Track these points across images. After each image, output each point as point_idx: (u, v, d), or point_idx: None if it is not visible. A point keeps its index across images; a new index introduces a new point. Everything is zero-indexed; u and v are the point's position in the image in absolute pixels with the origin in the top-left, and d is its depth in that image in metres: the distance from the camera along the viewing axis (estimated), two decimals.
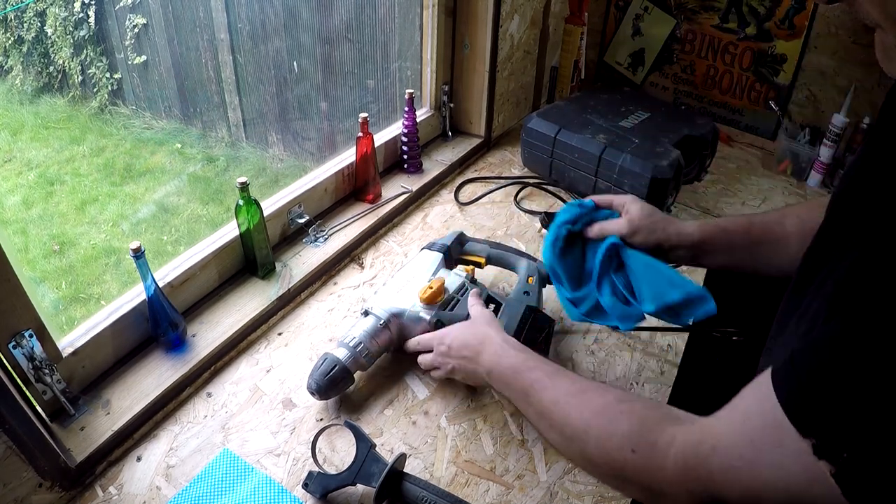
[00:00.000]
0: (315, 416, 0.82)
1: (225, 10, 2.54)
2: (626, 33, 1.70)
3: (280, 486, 0.73)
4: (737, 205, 1.34)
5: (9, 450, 0.64)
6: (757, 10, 1.47)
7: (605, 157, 1.22)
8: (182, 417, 0.82)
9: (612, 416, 0.55)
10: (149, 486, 0.73)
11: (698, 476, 0.46)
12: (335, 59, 2.41)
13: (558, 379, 0.63)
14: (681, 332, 0.99)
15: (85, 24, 2.77)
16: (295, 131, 2.74)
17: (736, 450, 0.44)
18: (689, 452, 0.47)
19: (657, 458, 0.50)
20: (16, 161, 2.69)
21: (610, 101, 1.42)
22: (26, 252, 2.27)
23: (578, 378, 0.63)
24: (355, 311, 0.99)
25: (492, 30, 1.32)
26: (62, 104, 2.94)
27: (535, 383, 0.64)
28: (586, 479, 0.76)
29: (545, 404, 0.62)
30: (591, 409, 0.57)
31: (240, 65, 2.65)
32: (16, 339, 0.68)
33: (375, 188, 1.21)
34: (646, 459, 0.50)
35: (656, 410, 0.54)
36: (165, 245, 2.38)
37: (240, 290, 0.99)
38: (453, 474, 0.76)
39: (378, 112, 2.38)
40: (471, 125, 1.48)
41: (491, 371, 0.72)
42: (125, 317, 0.84)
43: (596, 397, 0.58)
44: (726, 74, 1.58)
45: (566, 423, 0.58)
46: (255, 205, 0.94)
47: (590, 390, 0.59)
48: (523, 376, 0.66)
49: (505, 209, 1.28)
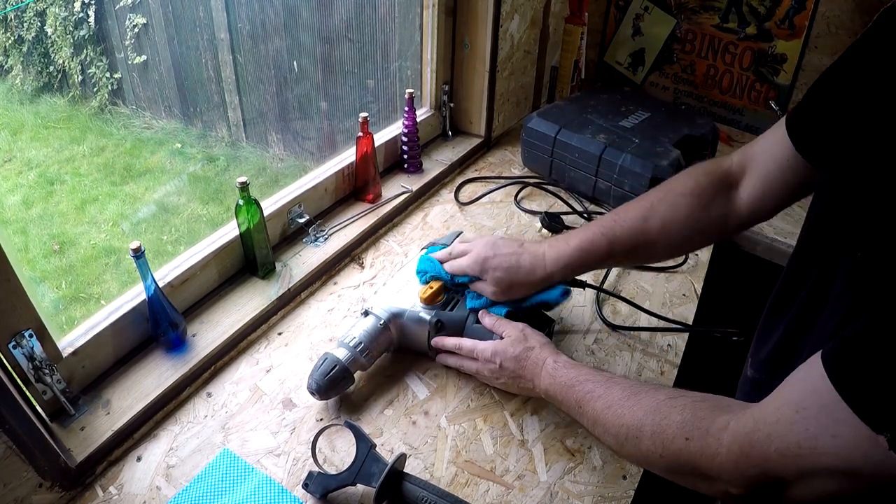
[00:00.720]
0: (315, 416, 0.82)
1: (225, 10, 2.54)
2: (626, 33, 1.70)
3: (280, 486, 0.73)
4: None
5: (9, 450, 0.64)
6: (757, 10, 1.47)
7: (605, 156, 1.22)
8: (182, 417, 0.82)
9: (664, 411, 0.58)
10: (149, 486, 0.73)
11: (754, 462, 0.48)
12: (335, 58, 2.41)
13: (611, 387, 0.66)
14: (681, 332, 0.99)
15: (85, 24, 2.77)
16: (295, 131, 2.74)
17: (792, 437, 0.45)
18: (743, 440, 0.49)
19: (711, 444, 0.52)
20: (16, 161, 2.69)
21: (610, 101, 1.42)
22: (26, 252, 2.27)
23: (630, 383, 0.66)
24: (355, 311, 0.99)
25: (492, 30, 1.32)
26: (62, 104, 2.94)
27: (588, 394, 0.67)
28: (586, 479, 0.76)
29: (599, 411, 0.65)
30: (643, 409, 0.60)
31: (240, 64, 2.65)
32: (16, 339, 0.68)
33: (375, 188, 1.21)
34: (700, 447, 0.53)
35: (706, 401, 0.56)
36: (165, 245, 2.38)
37: (240, 289, 0.99)
38: (453, 474, 0.76)
39: (378, 112, 2.38)
40: (471, 125, 1.48)
41: (548, 391, 0.75)
42: (125, 317, 0.84)
43: (647, 398, 0.61)
44: (726, 74, 1.58)
45: (621, 424, 0.61)
46: (255, 204, 0.94)
47: (641, 392, 0.62)
48: (576, 389, 0.69)
49: (505, 209, 1.28)
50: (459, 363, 0.85)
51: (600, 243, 0.79)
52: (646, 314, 1.00)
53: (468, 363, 0.84)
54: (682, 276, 1.11)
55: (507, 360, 0.79)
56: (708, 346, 1.09)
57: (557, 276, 0.81)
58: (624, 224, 0.79)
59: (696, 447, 0.53)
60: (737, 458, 0.50)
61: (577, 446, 0.80)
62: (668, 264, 1.13)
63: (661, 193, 0.80)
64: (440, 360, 0.88)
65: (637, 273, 1.12)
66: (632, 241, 0.79)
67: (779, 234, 1.26)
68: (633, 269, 1.12)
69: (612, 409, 0.63)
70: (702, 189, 0.77)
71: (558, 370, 0.73)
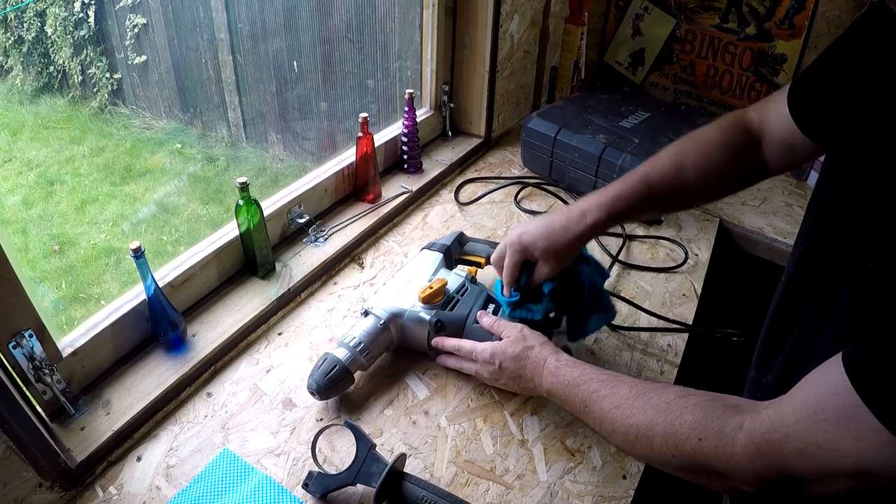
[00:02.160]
0: (315, 416, 0.82)
1: (225, 10, 2.54)
2: (626, 33, 1.70)
3: (280, 486, 0.73)
4: (736, 204, 1.34)
5: (9, 450, 0.64)
6: (757, 10, 1.47)
7: (605, 157, 1.22)
8: (182, 417, 0.82)
9: (675, 410, 0.57)
10: (149, 486, 0.73)
11: (770, 462, 0.49)
12: (335, 59, 2.41)
13: (617, 386, 0.66)
14: (681, 332, 0.99)
15: (85, 24, 2.77)
16: (295, 131, 2.74)
17: (811, 438, 0.46)
18: (760, 440, 0.50)
19: (725, 444, 0.52)
20: (16, 161, 2.69)
21: (610, 101, 1.42)
22: (26, 252, 2.27)
23: (637, 382, 0.65)
24: (355, 311, 0.99)
25: (492, 30, 1.32)
26: (62, 104, 2.94)
27: (594, 393, 0.67)
28: (586, 478, 0.76)
29: (606, 410, 0.65)
30: (653, 408, 0.60)
31: (240, 65, 2.65)
32: (16, 339, 0.68)
33: (375, 188, 1.21)
34: (714, 447, 0.53)
35: (717, 400, 0.56)
36: (165, 245, 2.38)
37: (240, 290, 0.99)
38: (453, 474, 0.76)
39: (378, 112, 2.38)
40: (471, 125, 1.48)
41: (550, 390, 0.74)
42: (125, 317, 0.84)
43: (656, 397, 0.61)
44: (726, 74, 1.58)
45: (630, 424, 0.61)
46: (255, 205, 0.94)
47: (649, 391, 0.62)
48: (581, 389, 0.69)
49: (505, 209, 1.28)
50: (459, 364, 0.85)
51: (639, 189, 0.78)
52: (646, 314, 1.00)
53: (468, 364, 0.84)
54: (682, 276, 1.12)
55: (507, 361, 0.79)
56: (708, 346, 1.09)
57: (599, 223, 0.78)
58: (661, 171, 0.78)
59: (710, 447, 0.53)
60: (753, 458, 0.50)
61: (577, 446, 0.80)
62: (668, 264, 1.13)
63: (692, 143, 0.79)
64: (440, 361, 0.88)
65: (637, 273, 1.12)
66: (670, 186, 0.78)
67: (779, 234, 1.26)
68: (634, 270, 1.12)
69: (621, 409, 0.63)
70: (732, 142, 0.76)
71: (561, 369, 0.73)
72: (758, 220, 1.30)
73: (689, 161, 0.77)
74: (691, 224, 1.26)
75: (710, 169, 0.77)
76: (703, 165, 0.77)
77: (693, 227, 1.25)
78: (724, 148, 0.77)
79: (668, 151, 0.80)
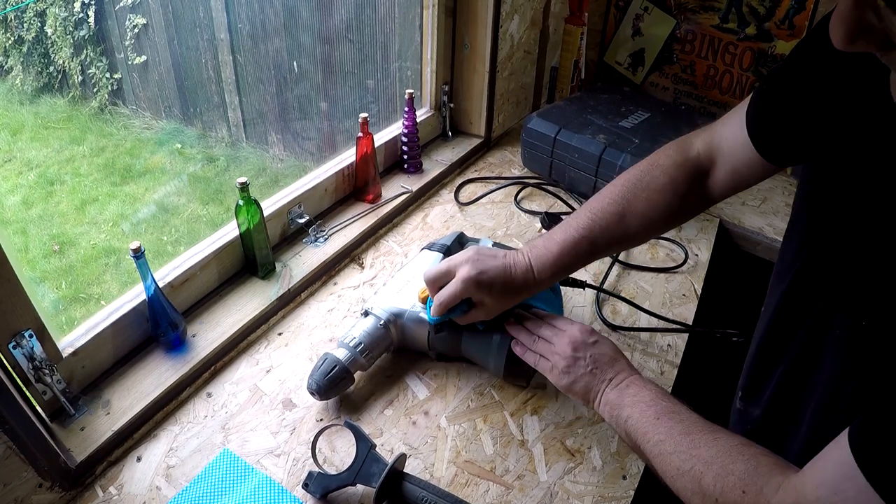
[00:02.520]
0: (315, 416, 0.82)
1: (225, 10, 2.54)
2: (626, 33, 1.70)
3: (280, 486, 0.73)
4: (736, 205, 1.34)
5: (9, 450, 0.64)
6: (757, 11, 1.47)
7: (605, 157, 1.22)
8: (182, 418, 0.82)
9: (733, 455, 0.58)
10: (149, 487, 0.73)
11: None
12: (335, 59, 2.41)
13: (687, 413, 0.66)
14: (681, 333, 0.99)
15: (85, 24, 2.77)
16: (295, 131, 2.74)
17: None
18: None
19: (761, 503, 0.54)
20: (16, 161, 2.69)
21: (610, 101, 1.42)
22: (26, 252, 2.27)
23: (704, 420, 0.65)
24: (355, 311, 0.99)
25: (492, 30, 1.32)
26: (62, 104, 2.94)
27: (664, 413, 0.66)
28: (586, 479, 0.76)
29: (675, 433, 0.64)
30: (717, 447, 0.60)
31: (240, 65, 2.65)
32: (16, 339, 0.68)
33: (375, 188, 1.21)
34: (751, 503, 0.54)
35: (770, 457, 0.57)
36: (165, 245, 2.38)
37: (240, 290, 0.99)
38: (453, 474, 0.76)
39: (378, 112, 2.38)
40: (471, 125, 1.48)
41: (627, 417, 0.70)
42: (125, 317, 0.84)
43: (724, 436, 0.61)
44: (726, 74, 1.58)
45: (691, 454, 0.61)
46: (255, 205, 0.94)
47: (719, 430, 0.62)
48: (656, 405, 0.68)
49: (505, 209, 1.28)
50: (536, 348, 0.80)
51: (582, 246, 0.78)
52: (646, 314, 1.00)
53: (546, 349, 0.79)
54: (682, 276, 1.12)
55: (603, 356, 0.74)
56: (708, 346, 1.09)
57: (546, 283, 0.80)
58: (604, 224, 0.78)
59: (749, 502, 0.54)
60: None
61: (577, 446, 0.80)
62: (668, 264, 1.13)
63: (637, 190, 0.79)
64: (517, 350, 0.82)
65: (637, 273, 1.12)
66: (612, 238, 0.79)
67: (779, 235, 1.26)
68: (634, 270, 1.12)
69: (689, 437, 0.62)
70: (677, 184, 0.77)
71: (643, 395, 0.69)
72: (758, 220, 1.31)
73: (634, 210, 0.78)
74: (691, 224, 1.26)
75: (655, 217, 0.78)
76: (649, 214, 0.78)
77: (693, 227, 1.25)
78: (671, 193, 0.77)
79: (613, 198, 0.79)
